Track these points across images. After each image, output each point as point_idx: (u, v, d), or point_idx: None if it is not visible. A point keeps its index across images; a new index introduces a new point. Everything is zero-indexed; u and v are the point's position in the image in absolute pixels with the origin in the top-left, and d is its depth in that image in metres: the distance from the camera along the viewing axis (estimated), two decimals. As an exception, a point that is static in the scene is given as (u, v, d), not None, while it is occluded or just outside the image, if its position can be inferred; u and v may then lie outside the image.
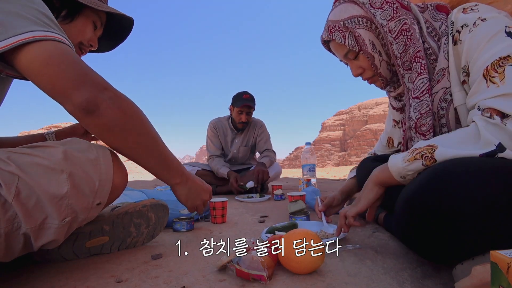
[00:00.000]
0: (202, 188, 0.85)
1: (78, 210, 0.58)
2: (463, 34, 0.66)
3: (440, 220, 0.50)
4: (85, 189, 0.59)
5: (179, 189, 0.80)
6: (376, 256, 0.74)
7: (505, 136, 0.52)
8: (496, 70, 0.57)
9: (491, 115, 0.55)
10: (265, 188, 2.15)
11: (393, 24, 0.74)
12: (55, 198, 0.54)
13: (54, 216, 0.55)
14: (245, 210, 1.49)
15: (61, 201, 0.55)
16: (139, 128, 0.65)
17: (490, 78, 0.58)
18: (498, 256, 0.35)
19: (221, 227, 1.12)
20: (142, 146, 0.67)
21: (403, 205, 0.57)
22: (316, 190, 1.48)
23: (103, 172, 0.62)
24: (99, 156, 0.62)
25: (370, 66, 0.80)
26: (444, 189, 0.50)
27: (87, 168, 0.59)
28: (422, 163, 0.58)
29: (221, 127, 2.38)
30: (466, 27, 0.65)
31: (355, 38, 0.77)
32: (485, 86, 0.59)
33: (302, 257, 0.61)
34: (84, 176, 0.58)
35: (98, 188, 0.61)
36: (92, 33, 0.79)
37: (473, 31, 0.64)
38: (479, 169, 0.50)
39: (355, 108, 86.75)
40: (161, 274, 0.66)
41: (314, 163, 1.84)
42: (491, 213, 0.46)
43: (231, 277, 0.63)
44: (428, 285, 0.58)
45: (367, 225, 1.06)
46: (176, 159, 0.76)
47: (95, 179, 0.60)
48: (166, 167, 0.74)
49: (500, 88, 0.56)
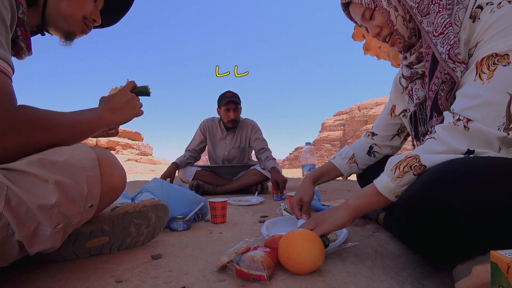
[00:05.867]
0: (124, 101, 0.79)
1: (70, 215, 0.58)
2: (484, 12, 0.60)
3: (441, 221, 0.50)
4: (75, 195, 0.58)
5: (116, 118, 0.77)
6: (376, 256, 0.74)
7: (466, 139, 0.55)
8: (489, 67, 0.56)
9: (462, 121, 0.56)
10: (265, 188, 2.15)
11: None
12: (44, 208, 0.54)
13: (46, 224, 0.55)
14: (245, 210, 1.49)
15: (51, 210, 0.55)
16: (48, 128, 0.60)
17: (480, 73, 0.57)
18: (498, 256, 0.35)
19: (221, 227, 1.12)
20: (60, 136, 0.63)
21: (404, 207, 0.57)
22: (316, 190, 1.48)
23: (89, 175, 0.61)
24: (83, 160, 0.61)
25: (387, 23, 0.79)
26: (444, 190, 0.50)
27: (72, 174, 0.59)
28: (413, 173, 0.58)
29: (212, 127, 2.38)
30: (490, 6, 0.60)
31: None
32: (473, 80, 0.58)
33: (302, 257, 0.62)
34: (70, 182, 0.58)
35: (87, 193, 0.60)
36: (93, 5, 0.77)
37: (494, 11, 0.59)
38: (479, 169, 0.50)
39: (355, 108, 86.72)
40: (161, 274, 0.66)
41: (314, 163, 1.84)
42: (491, 213, 0.46)
43: (231, 277, 0.63)
44: (428, 285, 0.58)
45: (367, 225, 1.06)
46: (87, 113, 0.71)
47: (82, 184, 0.60)
48: (92, 127, 0.70)
49: (480, 88, 0.56)
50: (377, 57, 8.66)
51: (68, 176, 0.58)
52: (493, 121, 0.54)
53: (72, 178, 0.58)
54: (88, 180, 0.61)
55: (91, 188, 0.61)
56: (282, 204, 1.31)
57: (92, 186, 0.61)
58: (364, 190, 0.68)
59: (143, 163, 27.63)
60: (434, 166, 0.56)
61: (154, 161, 30.09)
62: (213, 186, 2.15)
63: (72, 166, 0.59)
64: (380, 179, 0.64)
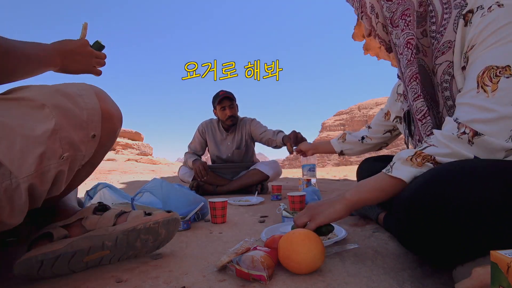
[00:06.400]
0: (77, 46, 0.75)
1: (74, 144, 0.54)
2: (476, 17, 0.61)
3: (441, 218, 0.50)
4: (75, 120, 0.55)
5: (68, 69, 0.74)
6: (376, 256, 0.74)
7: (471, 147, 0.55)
8: (491, 79, 0.56)
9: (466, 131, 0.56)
10: (265, 188, 2.15)
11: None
12: (44, 134, 0.50)
13: (50, 155, 0.51)
14: (245, 210, 1.49)
15: (53, 135, 0.51)
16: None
17: (483, 85, 0.56)
18: (498, 256, 0.35)
19: (221, 227, 1.12)
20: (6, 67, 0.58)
21: (402, 207, 0.57)
22: (316, 190, 1.48)
23: (87, 102, 0.58)
24: (78, 89, 0.59)
25: (370, 27, 0.86)
26: (444, 186, 0.50)
27: (69, 100, 0.55)
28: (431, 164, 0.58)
29: (211, 128, 2.37)
30: (481, 10, 0.60)
31: (359, 1, 0.86)
32: (475, 92, 0.57)
33: (302, 257, 0.62)
34: (69, 106, 0.54)
35: (87, 118, 0.57)
36: None
37: (485, 15, 0.59)
38: (478, 169, 0.50)
39: (355, 108, 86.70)
40: (161, 274, 0.66)
41: (314, 163, 1.84)
42: (490, 210, 0.46)
43: (231, 277, 0.63)
44: (428, 285, 0.58)
45: (367, 225, 1.06)
46: (36, 47, 0.65)
47: (81, 109, 0.56)
48: (37, 65, 0.65)
49: (488, 101, 0.55)
50: (377, 57, 8.66)
51: (66, 101, 0.55)
52: (502, 135, 0.54)
53: (70, 103, 0.55)
54: (87, 106, 0.58)
55: (91, 114, 0.58)
56: (282, 204, 1.31)
57: (92, 112, 0.58)
58: (363, 185, 0.67)
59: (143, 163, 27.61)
60: (435, 166, 0.56)
61: (154, 161, 30.06)
62: (213, 186, 2.14)
63: (70, 92, 0.57)
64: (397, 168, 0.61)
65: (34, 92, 0.53)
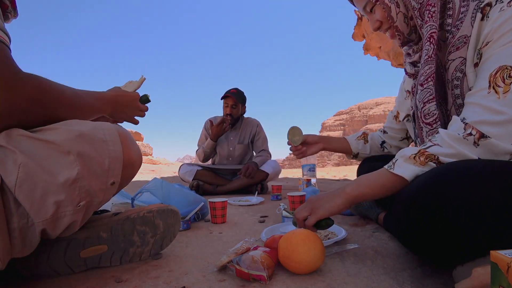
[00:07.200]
0: (128, 100, 0.79)
1: (92, 192, 0.55)
2: (494, 11, 0.58)
3: (441, 217, 0.50)
4: (96, 169, 0.55)
5: (114, 116, 0.77)
6: (376, 256, 0.74)
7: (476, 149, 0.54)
8: (504, 80, 0.54)
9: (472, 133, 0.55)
10: (265, 188, 2.15)
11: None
12: (66, 183, 0.51)
13: (67, 203, 0.52)
14: (245, 210, 1.49)
15: (73, 184, 0.52)
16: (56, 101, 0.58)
17: (495, 86, 0.55)
18: (498, 256, 0.35)
19: (221, 227, 1.12)
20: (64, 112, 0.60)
21: (403, 206, 0.57)
22: (316, 190, 1.48)
23: (111, 149, 0.58)
24: (105, 134, 0.59)
25: (387, 18, 0.78)
26: (445, 186, 0.50)
27: (95, 147, 0.56)
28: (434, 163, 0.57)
29: (215, 122, 2.40)
30: (500, 3, 0.58)
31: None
32: (486, 92, 0.56)
33: (302, 257, 0.62)
34: (93, 155, 0.55)
35: (109, 167, 0.58)
36: None
37: (504, 10, 0.56)
38: (478, 170, 0.50)
39: (355, 108, 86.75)
40: (161, 274, 0.67)
41: (314, 163, 1.84)
42: (490, 210, 0.46)
43: (231, 277, 0.63)
44: (428, 285, 0.58)
45: (367, 225, 1.06)
46: (91, 96, 0.68)
47: (104, 157, 0.57)
48: (91, 112, 0.68)
49: (498, 103, 0.54)
50: (377, 57, 8.66)
51: (91, 149, 0.55)
52: (509, 138, 0.53)
53: (94, 150, 0.56)
54: (110, 154, 0.58)
55: (114, 162, 0.58)
56: (282, 204, 1.31)
57: (114, 161, 0.59)
58: (364, 179, 0.66)
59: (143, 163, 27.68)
60: (436, 167, 0.56)
61: (154, 161, 30.06)
62: (213, 186, 2.15)
63: (95, 138, 0.57)
64: (399, 166, 0.61)
65: (62, 137, 0.53)
